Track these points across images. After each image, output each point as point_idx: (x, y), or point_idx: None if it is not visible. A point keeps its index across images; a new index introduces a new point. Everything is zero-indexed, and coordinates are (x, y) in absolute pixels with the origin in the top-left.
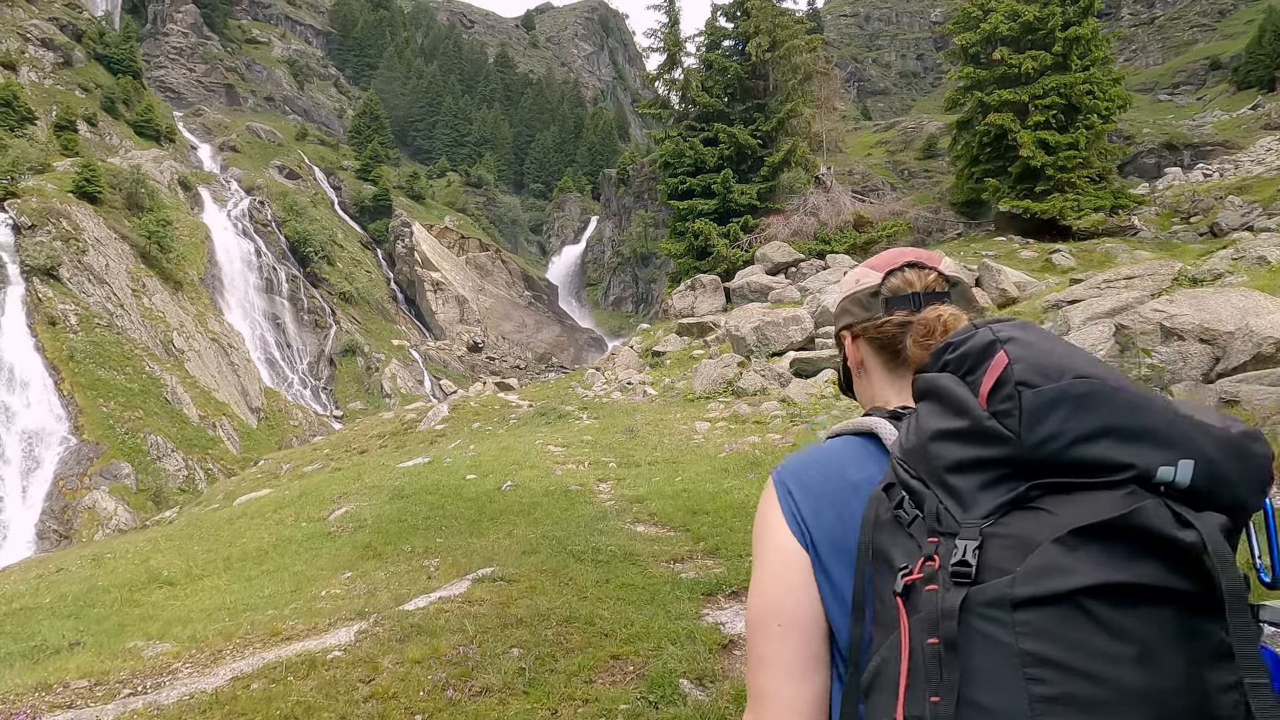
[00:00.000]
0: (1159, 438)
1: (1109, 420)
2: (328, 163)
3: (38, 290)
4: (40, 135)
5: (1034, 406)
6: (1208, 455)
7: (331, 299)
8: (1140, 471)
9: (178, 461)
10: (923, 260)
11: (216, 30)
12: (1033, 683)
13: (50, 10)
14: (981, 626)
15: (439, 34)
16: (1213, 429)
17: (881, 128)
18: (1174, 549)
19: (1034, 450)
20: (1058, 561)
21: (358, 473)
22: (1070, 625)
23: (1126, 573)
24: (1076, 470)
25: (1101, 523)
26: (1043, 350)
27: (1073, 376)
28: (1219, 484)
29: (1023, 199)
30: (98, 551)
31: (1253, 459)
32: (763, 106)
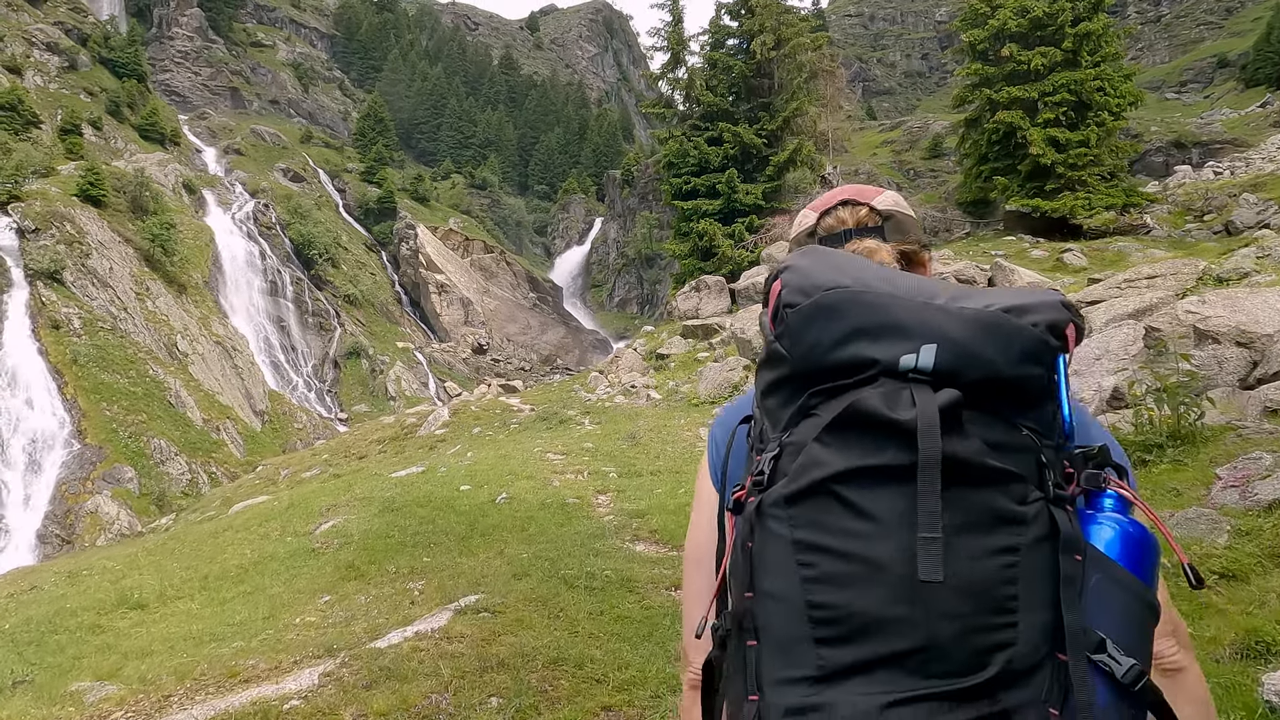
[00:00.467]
0: (903, 329)
1: (856, 322)
2: (332, 165)
3: (41, 294)
4: (45, 139)
5: (795, 322)
6: (951, 337)
7: (336, 301)
8: (885, 364)
9: (181, 465)
10: (856, 197)
11: (221, 34)
12: (803, 566)
13: (56, 15)
14: (770, 525)
15: (443, 36)
16: (965, 311)
17: (887, 127)
18: (898, 429)
19: (803, 362)
20: (816, 456)
21: (348, 483)
22: (825, 512)
23: (868, 457)
24: (839, 373)
25: (838, 415)
26: (808, 270)
27: (825, 289)
28: (969, 362)
29: (1032, 197)
30: (75, 567)
31: (1011, 331)
32: (767, 105)
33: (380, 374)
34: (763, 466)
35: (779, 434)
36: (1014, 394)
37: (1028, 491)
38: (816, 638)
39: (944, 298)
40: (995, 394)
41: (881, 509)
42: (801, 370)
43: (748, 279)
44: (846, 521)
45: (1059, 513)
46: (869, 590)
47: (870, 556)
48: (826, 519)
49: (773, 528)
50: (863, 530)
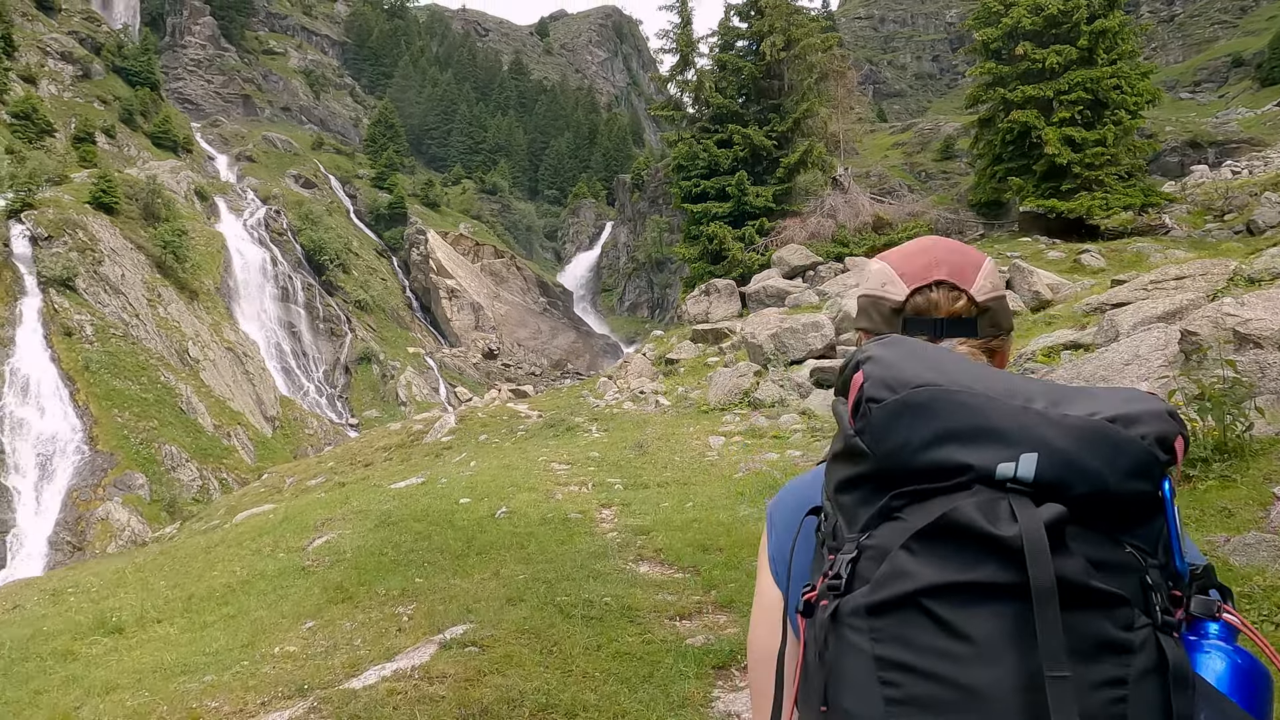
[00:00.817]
0: (998, 435)
1: (947, 424)
2: (343, 171)
3: (54, 301)
4: (59, 147)
5: (880, 419)
6: (1053, 446)
7: (347, 307)
8: (979, 471)
9: (192, 471)
10: (956, 279)
11: (234, 42)
12: (885, 686)
13: (70, 24)
14: (847, 635)
15: (453, 42)
16: (1069, 419)
17: (898, 130)
18: (998, 545)
19: (887, 461)
20: (903, 566)
21: (346, 495)
22: (913, 628)
23: (963, 572)
24: (928, 477)
25: (930, 524)
26: (894, 364)
27: (913, 386)
28: (1074, 474)
29: (1048, 198)
30: (60, 584)
31: (1120, 444)
32: (778, 107)
33: (391, 379)
34: (840, 570)
35: (856, 534)
36: (1119, 510)
37: (1134, 617)
38: None
39: (1043, 401)
40: (1099, 510)
41: (978, 630)
42: (885, 469)
43: (758, 282)
44: (938, 640)
45: (1167, 641)
46: (962, 717)
47: (965, 683)
48: (915, 635)
49: (851, 639)
50: (957, 652)
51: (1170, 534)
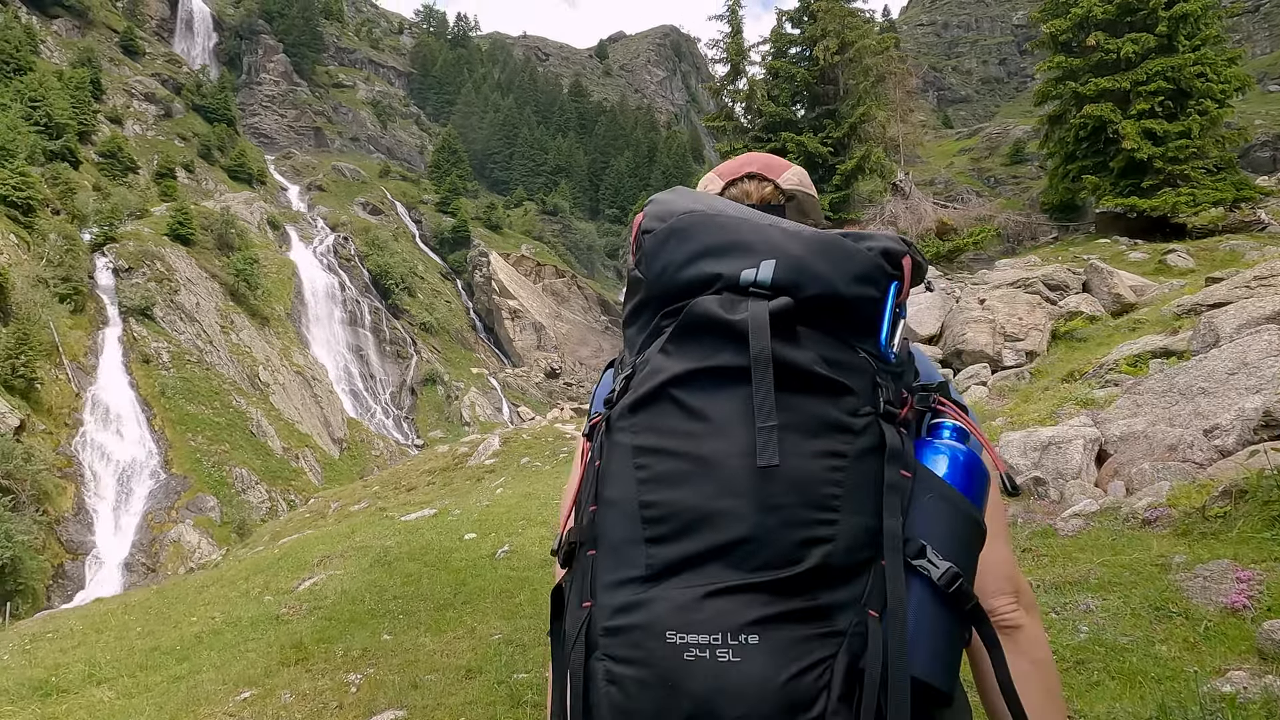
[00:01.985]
0: (747, 248)
1: (704, 242)
2: (409, 197)
3: (133, 329)
4: (141, 183)
5: (650, 245)
6: (790, 253)
7: (412, 329)
8: (727, 278)
9: (261, 493)
10: (765, 171)
11: (305, 77)
12: (639, 469)
13: (153, 67)
14: (616, 437)
15: (515, 68)
16: (805, 232)
17: (964, 135)
18: (732, 331)
19: (656, 284)
20: (658, 364)
21: (352, 528)
22: (661, 415)
23: (704, 360)
24: (687, 292)
25: (678, 323)
26: (668, 201)
27: (680, 214)
28: (806, 277)
29: (1127, 196)
30: (42, 630)
31: (849, 253)
32: (833, 112)
33: (455, 400)
34: (614, 387)
35: (634, 358)
36: (850, 315)
37: (859, 405)
38: (647, 537)
39: (790, 225)
40: (832, 313)
41: (715, 409)
42: (656, 293)
43: None
44: (681, 422)
45: (889, 428)
46: (698, 486)
47: (700, 454)
48: (663, 422)
49: (618, 439)
50: (695, 430)
51: (881, 328)
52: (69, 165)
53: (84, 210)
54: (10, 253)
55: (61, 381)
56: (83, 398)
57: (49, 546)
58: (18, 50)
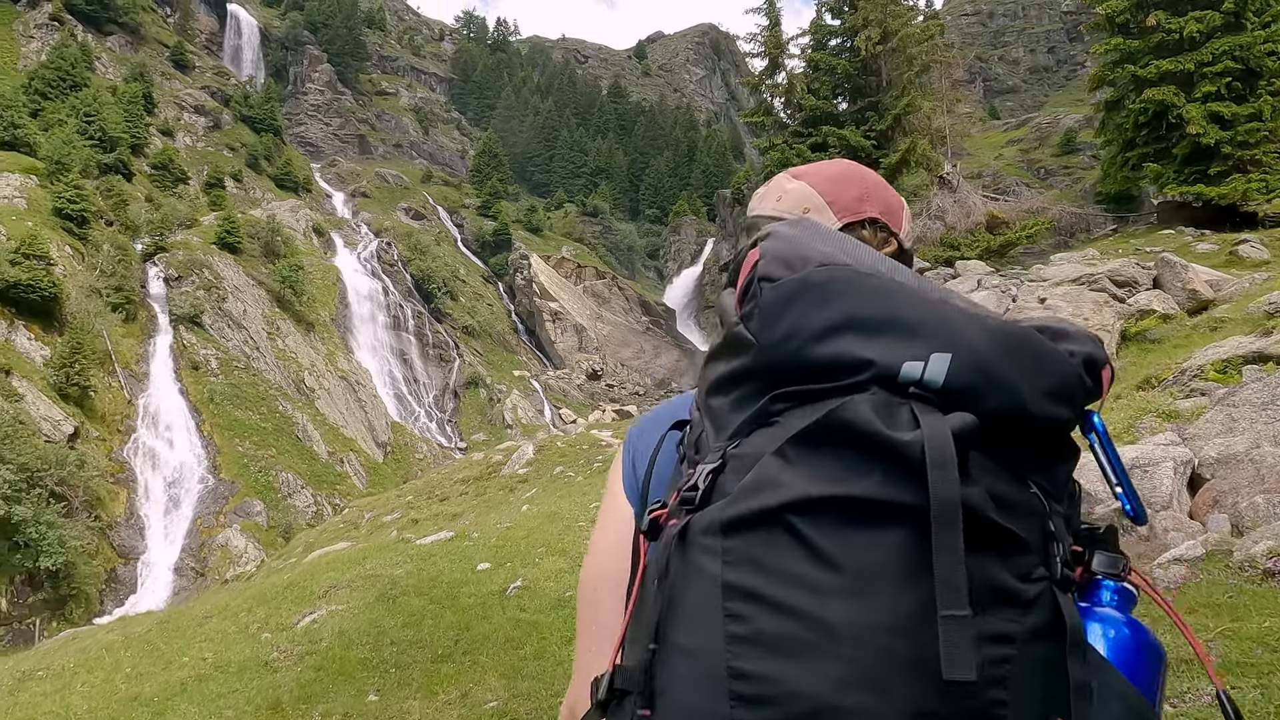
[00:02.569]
0: (910, 328)
1: (850, 310)
2: (450, 202)
3: (183, 337)
4: (191, 193)
5: (771, 302)
6: (972, 348)
7: (455, 333)
8: (881, 369)
9: (307, 498)
10: (887, 219)
11: (349, 85)
12: (730, 619)
13: (202, 80)
14: (694, 557)
15: (554, 71)
16: (990, 319)
17: (1012, 126)
18: (894, 454)
19: (774, 353)
20: (771, 475)
21: (364, 553)
22: (775, 550)
23: (843, 484)
24: (820, 375)
25: (811, 424)
26: (798, 241)
27: (817, 264)
28: (989, 384)
29: (1192, 184)
30: (34, 666)
31: (1044, 357)
32: (875, 104)
33: (498, 403)
34: (696, 481)
35: (724, 443)
36: (1031, 438)
37: (1033, 565)
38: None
39: (963, 301)
40: (1009, 434)
41: (853, 558)
42: (769, 364)
43: None
44: (802, 567)
45: (1064, 599)
46: (818, 665)
47: (827, 619)
48: (775, 559)
49: (699, 562)
50: (822, 582)
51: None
52: (122, 177)
53: (136, 221)
54: (66, 264)
55: (114, 389)
56: (135, 405)
57: (102, 551)
58: (74, 67)
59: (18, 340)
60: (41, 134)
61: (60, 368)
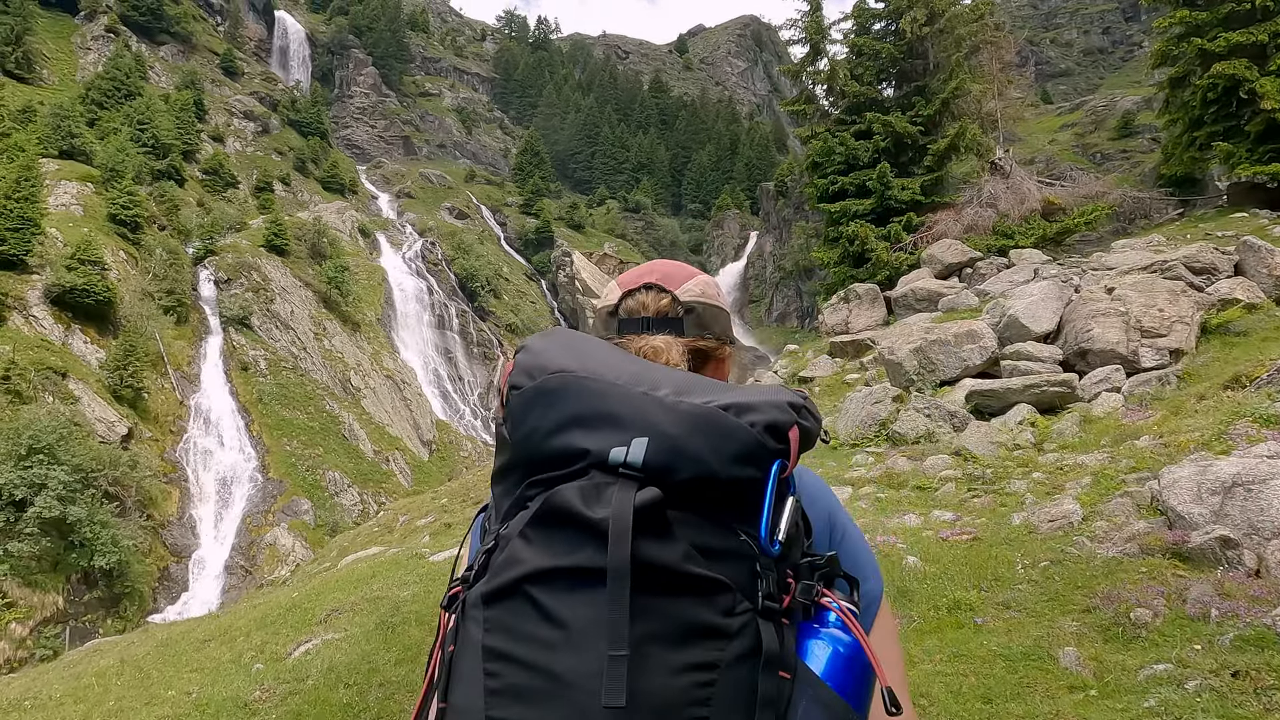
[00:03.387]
0: (619, 420)
1: (574, 409)
2: (494, 201)
3: (233, 338)
4: (241, 196)
5: (515, 406)
6: (664, 431)
7: (499, 331)
8: (595, 456)
9: (353, 496)
10: (663, 282)
11: (393, 87)
12: (488, 677)
13: (251, 86)
14: (467, 627)
15: (595, 68)
16: (682, 404)
17: (1066, 110)
18: (593, 529)
19: (522, 449)
20: (516, 553)
21: (373, 570)
22: (517, 615)
23: (563, 557)
24: (556, 463)
25: (538, 510)
26: (541, 352)
27: (550, 373)
28: (680, 459)
29: (1267, 163)
30: (22, 695)
31: (727, 431)
32: (922, 89)
33: None
34: (473, 560)
35: (498, 525)
36: (729, 497)
37: (735, 602)
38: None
39: (669, 389)
40: (709, 495)
41: (573, 616)
42: (521, 458)
43: (905, 285)
44: (537, 628)
45: (766, 626)
46: (550, 709)
47: (554, 670)
48: (519, 624)
49: (469, 631)
50: (551, 639)
51: (762, 516)
52: (175, 183)
53: (188, 225)
54: (120, 268)
55: (167, 390)
56: (186, 405)
57: (154, 550)
58: (128, 77)
59: (74, 343)
60: (98, 143)
61: (114, 370)
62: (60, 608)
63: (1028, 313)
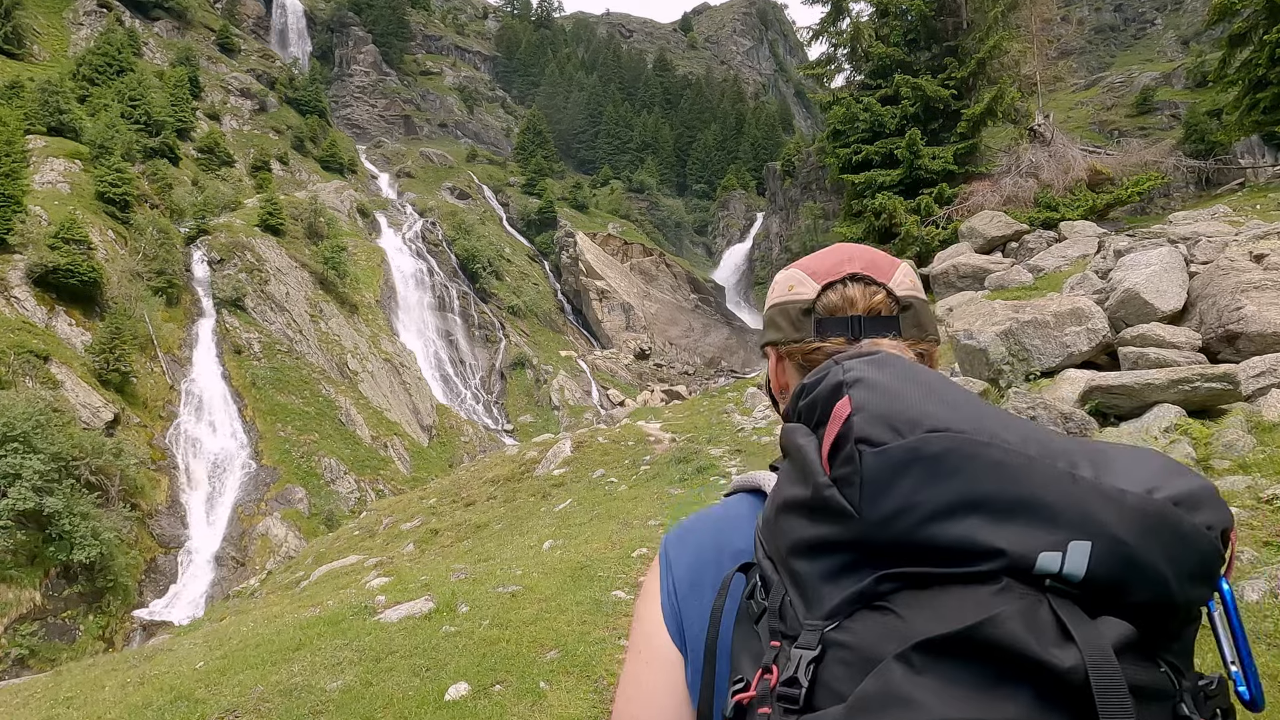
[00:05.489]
0: (1043, 511)
1: (974, 488)
2: (495, 180)
3: (226, 321)
4: (235, 175)
5: (876, 472)
6: (1112, 534)
7: (501, 313)
8: (1013, 560)
9: (350, 484)
10: (871, 272)
11: (394, 66)
12: None
13: (248, 63)
14: None
15: (598, 46)
16: (1128, 496)
17: (1081, 86)
18: (1048, 676)
19: (880, 529)
20: (899, 688)
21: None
22: None
23: (983, 707)
24: (934, 556)
25: (947, 636)
26: (894, 393)
27: (927, 429)
28: (1133, 573)
29: None
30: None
31: (1186, 536)
32: (954, 50)
33: (544, 384)
34: (794, 672)
35: (819, 621)
36: (1172, 623)
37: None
38: None
39: (1088, 469)
40: (1155, 621)
41: None
42: (873, 540)
43: (945, 260)
44: None
45: None
46: None
47: None
48: None
49: None
50: None
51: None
52: (168, 161)
53: (181, 205)
54: (108, 248)
55: (157, 374)
56: (177, 390)
57: (141, 541)
58: (119, 53)
59: (58, 326)
60: (88, 119)
61: (100, 353)
62: (38, 604)
63: (1150, 286)
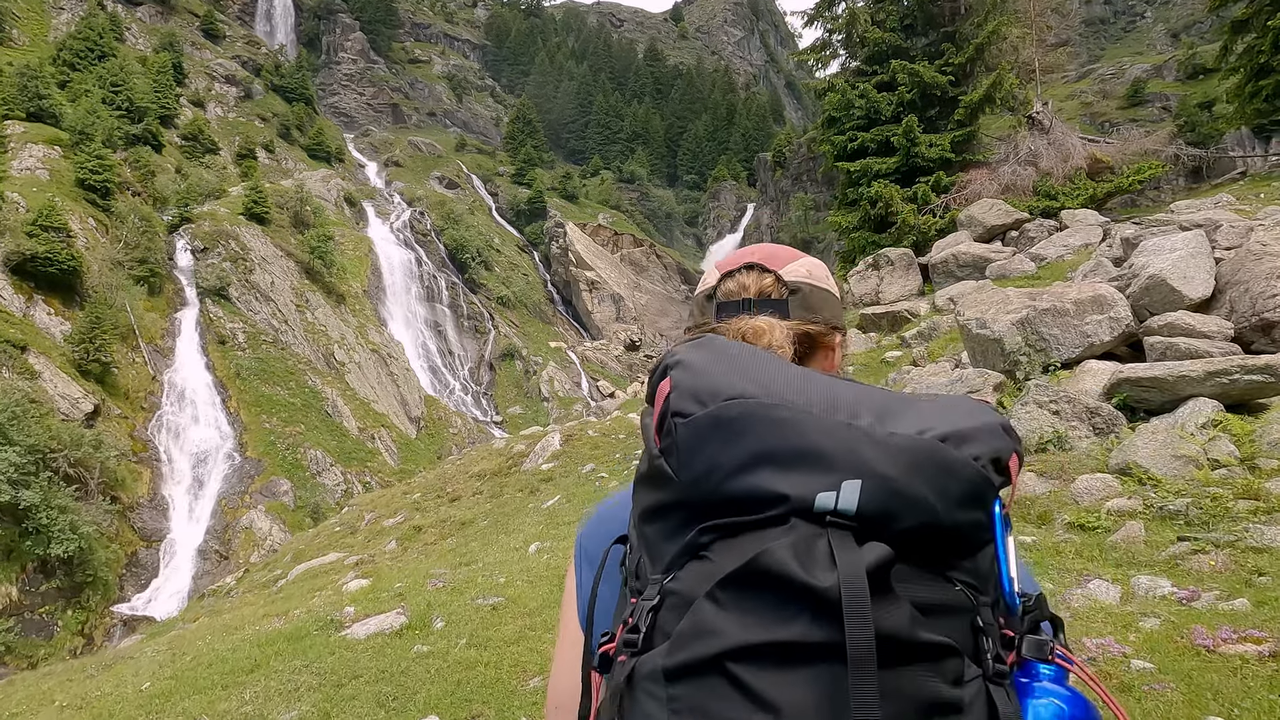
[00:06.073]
0: (821, 458)
1: (763, 444)
2: (485, 170)
3: (209, 310)
4: (222, 163)
5: (686, 439)
6: (879, 472)
7: (490, 304)
8: (796, 501)
9: (336, 476)
10: (766, 262)
11: (382, 54)
12: None
13: (233, 49)
14: (643, 702)
15: (589, 36)
16: (894, 438)
17: (1071, 78)
18: (814, 599)
19: (694, 489)
20: (708, 621)
21: (260, 657)
22: (716, 697)
23: (774, 629)
24: (740, 507)
25: (738, 570)
26: (704, 371)
27: (725, 398)
28: (900, 504)
29: None
30: None
31: (950, 467)
32: (952, 35)
33: (534, 375)
34: (639, 620)
35: (660, 575)
36: (949, 542)
37: (964, 668)
38: None
39: (869, 416)
40: (928, 543)
41: (787, 699)
42: (690, 498)
43: (944, 249)
44: (743, 712)
45: (999, 693)
46: None
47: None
48: (717, 707)
49: (647, 708)
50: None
51: (999, 564)
52: (151, 149)
53: (164, 193)
54: (89, 236)
55: (138, 365)
56: (159, 380)
57: (122, 535)
58: (101, 37)
59: (36, 315)
60: (68, 105)
61: (80, 343)
62: (14, 599)
63: (1177, 272)
